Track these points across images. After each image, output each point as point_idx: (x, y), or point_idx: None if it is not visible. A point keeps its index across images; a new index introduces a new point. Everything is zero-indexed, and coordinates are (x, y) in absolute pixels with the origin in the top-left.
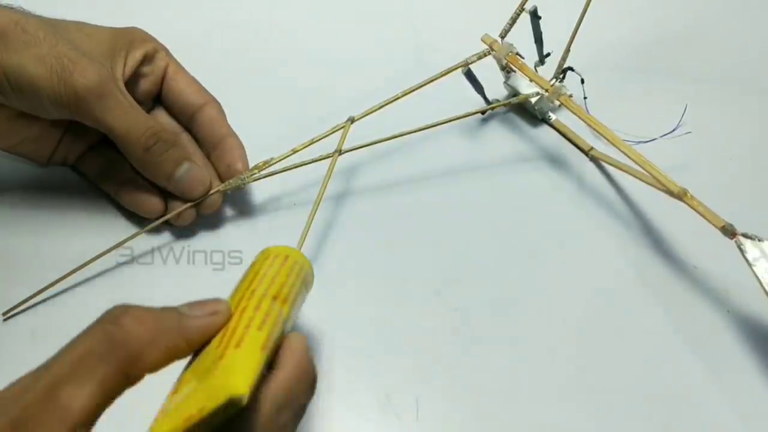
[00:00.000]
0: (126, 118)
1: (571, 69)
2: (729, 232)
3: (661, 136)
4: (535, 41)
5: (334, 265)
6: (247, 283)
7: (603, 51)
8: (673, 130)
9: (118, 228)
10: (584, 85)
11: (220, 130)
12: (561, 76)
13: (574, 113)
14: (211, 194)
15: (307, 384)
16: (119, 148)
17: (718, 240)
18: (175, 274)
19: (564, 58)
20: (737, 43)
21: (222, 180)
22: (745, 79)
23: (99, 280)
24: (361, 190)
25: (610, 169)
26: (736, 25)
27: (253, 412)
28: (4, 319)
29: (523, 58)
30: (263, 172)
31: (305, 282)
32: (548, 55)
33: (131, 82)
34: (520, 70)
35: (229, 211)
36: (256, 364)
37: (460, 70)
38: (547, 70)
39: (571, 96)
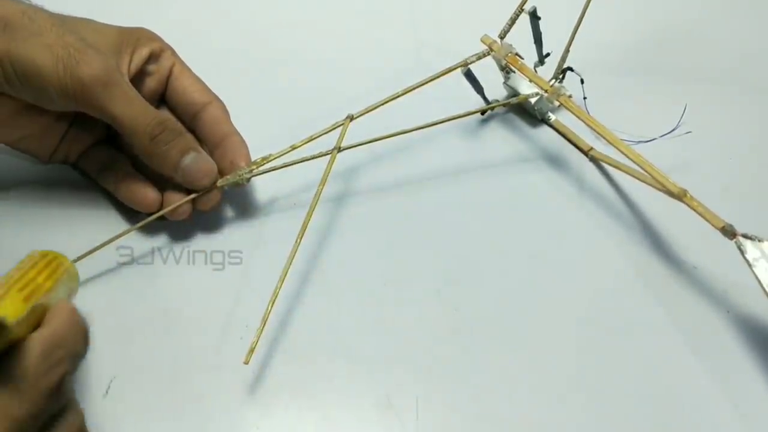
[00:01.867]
0: (132, 107)
1: (570, 69)
2: (729, 232)
3: (661, 136)
4: (535, 42)
5: (334, 265)
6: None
7: (603, 51)
8: (673, 130)
9: (119, 227)
10: (584, 85)
11: (223, 129)
12: (561, 76)
13: (574, 114)
14: (209, 190)
15: (77, 332)
16: (125, 139)
17: (718, 240)
18: (175, 274)
19: (564, 59)
20: (737, 43)
21: None
22: (745, 79)
23: (99, 280)
24: (360, 191)
25: (610, 169)
26: (736, 25)
27: (22, 351)
28: None
29: (523, 58)
30: (261, 168)
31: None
32: (548, 55)
33: (137, 80)
34: (519, 70)
35: (229, 212)
36: (18, 305)
37: (459, 70)
38: (547, 71)
39: (570, 96)
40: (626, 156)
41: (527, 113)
